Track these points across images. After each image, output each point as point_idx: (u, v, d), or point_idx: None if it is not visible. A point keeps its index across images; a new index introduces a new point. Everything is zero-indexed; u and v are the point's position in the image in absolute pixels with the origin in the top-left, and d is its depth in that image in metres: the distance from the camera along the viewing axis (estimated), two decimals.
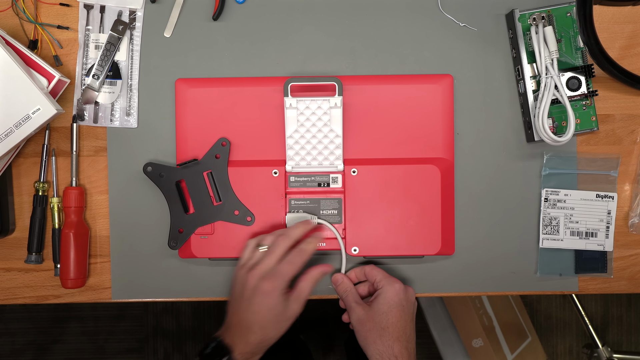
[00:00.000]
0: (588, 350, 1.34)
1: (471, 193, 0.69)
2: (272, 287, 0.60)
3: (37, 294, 0.70)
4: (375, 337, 0.62)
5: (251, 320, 0.61)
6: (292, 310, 0.62)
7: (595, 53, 0.64)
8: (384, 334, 0.62)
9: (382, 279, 0.65)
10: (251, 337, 0.60)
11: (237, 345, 0.60)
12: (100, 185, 0.69)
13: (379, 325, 0.62)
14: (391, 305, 0.62)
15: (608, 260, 0.69)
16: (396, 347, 0.61)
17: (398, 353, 0.61)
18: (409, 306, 0.64)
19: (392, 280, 0.64)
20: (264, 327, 0.61)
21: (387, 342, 0.61)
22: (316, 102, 0.65)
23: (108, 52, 0.67)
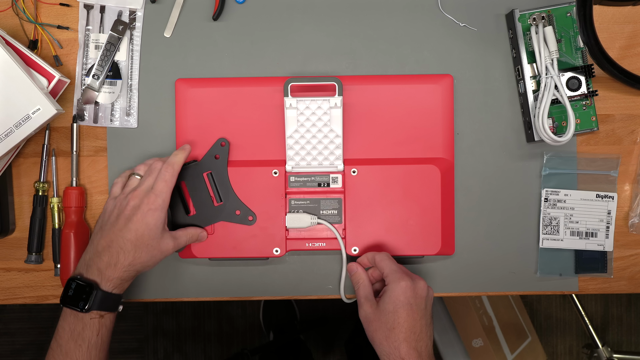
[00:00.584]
0: (588, 350, 1.34)
1: (471, 193, 0.69)
2: (154, 204, 0.60)
3: (37, 294, 0.70)
4: (382, 338, 0.60)
5: (126, 238, 0.59)
6: (167, 244, 0.62)
7: (595, 53, 0.64)
8: (390, 335, 0.59)
9: (389, 274, 0.62)
10: (121, 257, 0.59)
11: (104, 273, 0.59)
12: (100, 185, 0.69)
13: (385, 325, 0.60)
14: (397, 305, 0.60)
15: (608, 260, 0.69)
16: (403, 349, 0.59)
17: (405, 354, 0.59)
18: (418, 303, 0.61)
19: (399, 277, 0.61)
20: (138, 246, 0.60)
21: (394, 343, 0.59)
22: (316, 102, 0.65)
23: (108, 52, 0.67)
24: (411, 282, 0.61)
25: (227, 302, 1.47)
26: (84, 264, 0.60)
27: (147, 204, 0.60)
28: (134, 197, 0.61)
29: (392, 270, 0.62)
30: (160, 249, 0.61)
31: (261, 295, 0.70)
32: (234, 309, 1.49)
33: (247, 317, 1.49)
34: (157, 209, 0.60)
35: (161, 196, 0.61)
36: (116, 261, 0.59)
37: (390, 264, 0.63)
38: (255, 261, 0.69)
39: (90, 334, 0.60)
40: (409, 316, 0.60)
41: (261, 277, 0.69)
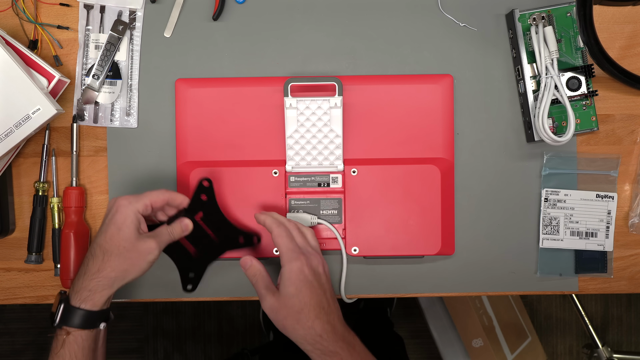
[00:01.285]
0: (588, 350, 1.34)
1: (471, 193, 0.69)
2: (126, 200, 0.57)
3: (37, 294, 0.70)
4: (294, 323, 0.57)
5: (97, 242, 0.56)
6: (147, 244, 0.57)
7: (595, 53, 0.64)
8: (300, 318, 0.57)
9: (283, 254, 0.59)
10: (90, 265, 0.56)
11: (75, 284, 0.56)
12: (100, 185, 0.69)
13: (293, 309, 0.57)
14: (298, 285, 0.57)
15: (608, 260, 0.69)
16: (317, 326, 0.57)
17: (321, 331, 0.57)
18: (317, 278, 0.58)
19: (293, 257, 0.58)
20: (106, 250, 0.55)
21: (307, 323, 0.57)
22: (316, 102, 0.65)
23: (108, 52, 0.67)
24: (305, 259, 0.58)
25: (227, 302, 1.47)
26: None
27: (117, 200, 0.57)
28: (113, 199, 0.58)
29: (286, 249, 0.59)
30: (138, 251, 0.56)
31: None
32: (234, 309, 1.49)
33: (247, 317, 1.49)
34: (128, 204, 0.56)
35: (139, 196, 0.58)
36: (85, 270, 0.56)
37: (285, 241, 0.59)
38: None
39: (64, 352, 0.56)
40: (313, 293, 0.58)
41: None
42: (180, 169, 0.68)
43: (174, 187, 0.68)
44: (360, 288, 0.69)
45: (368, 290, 0.70)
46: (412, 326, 1.47)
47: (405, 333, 1.44)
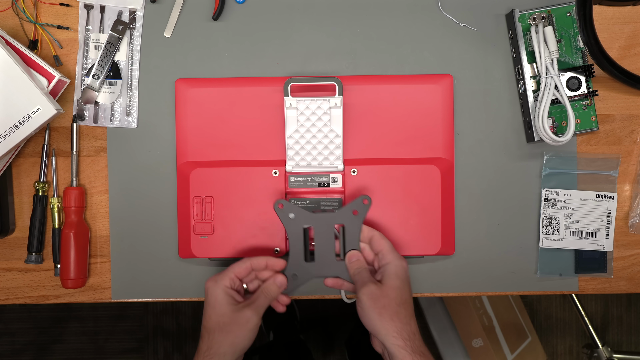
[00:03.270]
0: (588, 350, 1.34)
1: (471, 193, 0.69)
2: (212, 281, 0.60)
3: (37, 294, 0.70)
4: (392, 314, 0.58)
5: (202, 325, 0.60)
6: (244, 315, 0.59)
7: (595, 53, 0.64)
8: (400, 311, 0.58)
9: (388, 252, 0.61)
10: (201, 345, 0.60)
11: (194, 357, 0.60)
12: (100, 185, 0.69)
13: (395, 301, 0.58)
14: (403, 281, 0.60)
15: (608, 260, 0.69)
16: (413, 324, 0.59)
17: (415, 330, 0.59)
18: (410, 284, 0.61)
19: (399, 256, 0.62)
20: (210, 330, 0.59)
21: (405, 319, 0.58)
22: (316, 102, 0.65)
23: (108, 52, 0.67)
24: (406, 262, 0.62)
25: None
26: None
27: (206, 285, 0.61)
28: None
29: (392, 248, 0.62)
30: (238, 323, 0.58)
31: None
32: None
33: None
34: (214, 284, 0.60)
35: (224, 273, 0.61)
36: (198, 348, 0.60)
37: (387, 243, 0.62)
38: None
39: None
40: (410, 294, 0.61)
41: None
42: (180, 169, 0.68)
43: (173, 187, 0.68)
44: None
45: None
46: None
47: None
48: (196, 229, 0.67)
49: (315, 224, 0.63)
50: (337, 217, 0.63)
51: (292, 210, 0.63)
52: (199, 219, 0.67)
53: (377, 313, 0.58)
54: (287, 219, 0.63)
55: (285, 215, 0.63)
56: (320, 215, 0.63)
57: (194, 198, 0.67)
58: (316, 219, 0.63)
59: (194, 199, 0.67)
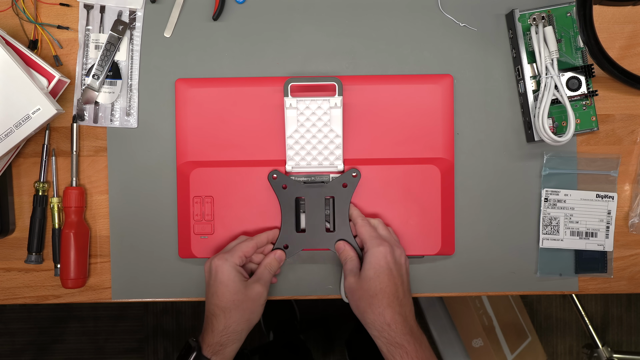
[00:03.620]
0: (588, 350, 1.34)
1: (471, 193, 0.69)
2: (221, 260, 0.61)
3: (37, 294, 0.70)
4: (366, 306, 0.59)
5: (212, 303, 0.60)
6: (255, 290, 0.61)
7: (595, 53, 0.64)
8: (373, 302, 0.59)
9: (368, 240, 0.61)
10: (215, 323, 0.60)
11: (205, 338, 0.60)
12: (100, 185, 0.69)
13: (368, 292, 0.59)
14: (378, 270, 0.59)
15: (608, 260, 0.69)
16: (388, 314, 0.58)
17: (390, 320, 0.58)
18: (398, 268, 0.60)
19: (378, 242, 0.61)
20: (225, 308, 0.59)
21: (378, 309, 0.58)
22: (316, 102, 0.65)
23: (108, 52, 0.67)
24: (390, 247, 0.61)
25: None
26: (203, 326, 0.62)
27: (215, 263, 0.61)
28: (208, 262, 0.62)
29: (370, 235, 0.62)
30: (251, 299, 0.60)
31: None
32: None
33: None
34: (224, 262, 0.60)
35: (232, 252, 0.61)
36: (212, 327, 0.60)
37: (368, 230, 0.62)
38: None
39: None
40: (390, 281, 0.59)
41: None
42: (180, 169, 0.68)
43: (173, 187, 0.68)
44: None
45: None
46: None
47: None
48: (196, 229, 0.67)
49: (307, 194, 0.66)
50: (328, 188, 0.66)
51: (285, 181, 0.65)
52: (199, 219, 0.67)
53: (355, 306, 0.61)
54: (280, 190, 0.66)
55: (278, 186, 0.66)
56: (311, 185, 0.66)
57: (194, 198, 0.67)
58: (307, 189, 0.66)
59: (194, 199, 0.67)
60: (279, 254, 0.65)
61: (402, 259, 0.62)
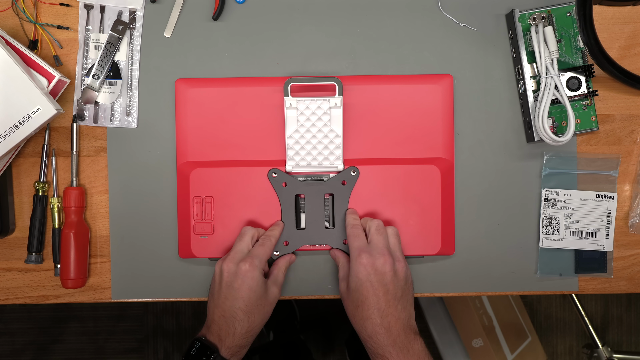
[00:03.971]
0: (588, 350, 1.34)
1: (471, 193, 0.69)
2: (250, 265, 0.61)
3: (37, 294, 0.70)
4: (351, 315, 0.61)
5: (235, 307, 0.60)
6: (273, 293, 0.63)
7: (595, 53, 0.64)
8: (356, 313, 0.60)
9: (351, 251, 0.62)
10: (238, 327, 0.60)
11: (224, 340, 0.60)
12: (100, 185, 0.69)
13: (353, 303, 0.61)
14: (359, 283, 0.60)
15: (608, 260, 0.69)
16: (368, 327, 0.59)
17: (371, 332, 0.59)
18: (380, 278, 0.59)
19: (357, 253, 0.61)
20: (249, 312, 0.60)
21: (360, 321, 0.60)
22: (316, 102, 0.65)
23: (108, 52, 0.67)
24: (370, 258, 0.60)
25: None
26: (206, 326, 0.62)
27: (243, 267, 0.61)
28: (228, 263, 0.62)
29: (353, 247, 0.62)
30: (269, 302, 0.63)
31: None
32: None
33: None
34: (254, 269, 0.61)
35: (257, 257, 0.62)
36: (234, 331, 0.60)
37: (353, 240, 0.63)
38: None
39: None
40: (371, 293, 0.59)
41: None
42: (180, 169, 0.68)
43: (173, 187, 0.68)
44: None
45: None
46: None
47: None
48: (196, 229, 0.67)
49: (306, 191, 0.66)
50: (327, 186, 0.66)
51: (284, 179, 0.66)
52: (199, 219, 0.67)
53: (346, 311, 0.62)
54: (280, 188, 0.66)
55: (278, 183, 0.66)
56: (311, 183, 0.66)
57: (194, 198, 0.67)
58: (307, 186, 0.66)
59: (194, 199, 0.67)
60: (292, 259, 0.67)
61: (385, 268, 0.60)
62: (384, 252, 0.61)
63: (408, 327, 0.60)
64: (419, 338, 0.60)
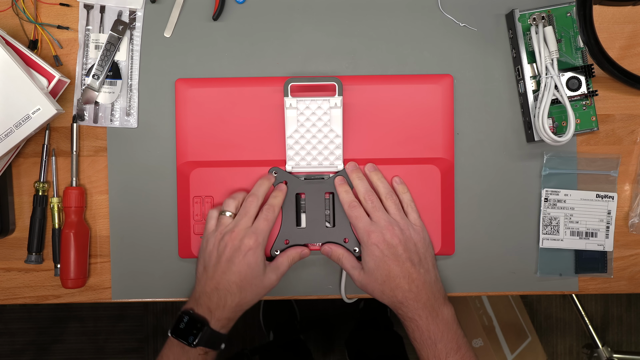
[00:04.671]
0: (588, 350, 1.34)
1: (471, 193, 0.69)
2: (255, 243, 0.61)
3: (37, 294, 0.70)
4: (380, 294, 0.62)
5: (231, 280, 0.60)
6: (270, 279, 0.62)
7: (595, 53, 0.64)
8: (384, 289, 0.62)
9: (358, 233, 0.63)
10: (229, 300, 0.60)
11: (214, 312, 0.60)
12: (100, 185, 0.69)
13: (377, 282, 0.62)
14: (376, 261, 0.61)
15: (608, 260, 0.69)
16: (399, 295, 0.61)
17: (402, 299, 0.61)
18: (393, 251, 0.61)
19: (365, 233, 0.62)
20: (243, 287, 0.61)
21: (389, 293, 0.62)
22: (316, 102, 0.65)
23: (108, 52, 0.67)
24: (378, 235, 0.62)
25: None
26: (193, 299, 0.62)
27: (247, 244, 0.61)
28: (232, 238, 0.61)
29: (358, 228, 0.63)
30: (263, 285, 0.62)
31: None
32: None
33: (247, 317, 1.49)
34: (257, 247, 0.61)
35: (261, 234, 0.62)
36: (224, 303, 0.61)
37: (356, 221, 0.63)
38: None
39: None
40: (392, 265, 0.61)
41: None
42: (180, 169, 0.68)
43: (173, 187, 0.68)
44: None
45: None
46: None
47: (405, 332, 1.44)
48: (196, 229, 0.67)
49: (307, 190, 0.66)
50: (327, 184, 0.67)
51: (285, 178, 0.66)
52: (199, 219, 0.67)
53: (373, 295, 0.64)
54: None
55: (278, 182, 0.66)
56: (311, 182, 0.66)
57: (194, 198, 0.67)
58: (307, 185, 0.66)
59: (194, 199, 0.67)
60: (305, 252, 0.66)
61: (394, 240, 0.61)
62: (387, 226, 0.62)
63: (437, 290, 0.63)
64: (449, 305, 0.63)
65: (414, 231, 0.63)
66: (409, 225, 0.63)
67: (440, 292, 0.63)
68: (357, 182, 0.65)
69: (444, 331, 0.61)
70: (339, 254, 0.65)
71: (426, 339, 0.61)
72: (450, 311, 0.63)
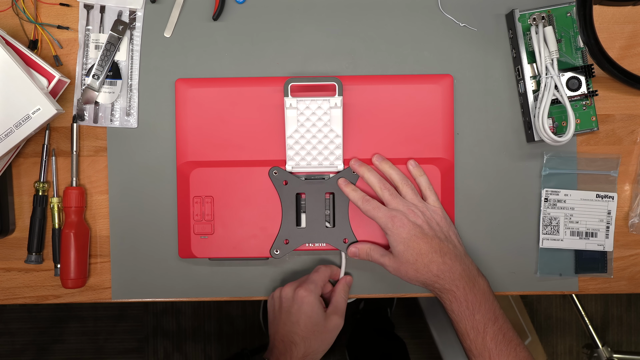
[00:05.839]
0: (588, 350, 1.34)
1: (471, 193, 0.69)
2: (307, 291, 0.63)
3: (37, 294, 0.70)
4: (415, 274, 0.63)
5: (292, 331, 0.62)
6: (333, 322, 0.64)
7: (595, 53, 0.64)
8: (418, 268, 0.62)
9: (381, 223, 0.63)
10: (294, 351, 0.62)
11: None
12: (100, 185, 0.69)
13: (409, 263, 0.62)
14: (405, 243, 0.62)
15: (608, 260, 0.69)
16: (434, 269, 0.62)
17: (437, 271, 0.62)
18: (420, 230, 0.62)
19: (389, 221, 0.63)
20: (306, 337, 0.62)
21: (423, 270, 0.62)
22: (316, 102, 0.65)
23: (108, 52, 0.67)
24: (402, 217, 0.63)
25: (227, 302, 1.47)
26: (269, 349, 0.65)
27: (299, 292, 0.63)
28: (287, 289, 0.65)
29: (380, 218, 0.63)
30: (328, 330, 0.64)
31: (261, 295, 0.70)
32: (234, 309, 1.49)
33: (247, 317, 1.49)
34: (309, 293, 0.63)
35: (314, 282, 0.64)
36: (291, 354, 0.62)
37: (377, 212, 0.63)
38: (255, 261, 0.69)
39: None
40: (420, 244, 0.62)
41: (261, 277, 0.69)
42: (180, 169, 0.68)
43: (173, 187, 0.68)
44: (360, 288, 0.69)
45: (368, 290, 0.70)
46: (413, 326, 1.47)
47: (406, 333, 1.44)
48: (196, 229, 0.67)
49: (307, 190, 0.67)
50: (328, 184, 0.67)
51: (285, 177, 0.66)
52: (199, 219, 0.67)
53: (407, 278, 0.64)
54: (281, 186, 0.66)
55: (279, 182, 0.66)
56: (312, 182, 0.66)
57: (194, 198, 0.67)
58: (308, 185, 0.66)
59: (194, 199, 0.67)
60: (349, 280, 0.68)
61: (418, 220, 0.63)
62: (407, 209, 0.63)
63: (469, 263, 0.64)
64: (483, 276, 0.64)
65: (433, 212, 0.64)
66: (428, 207, 0.64)
67: (473, 264, 0.64)
68: (367, 175, 0.65)
69: (482, 301, 0.62)
70: (366, 249, 0.66)
71: (464, 310, 0.62)
72: (485, 282, 0.63)
